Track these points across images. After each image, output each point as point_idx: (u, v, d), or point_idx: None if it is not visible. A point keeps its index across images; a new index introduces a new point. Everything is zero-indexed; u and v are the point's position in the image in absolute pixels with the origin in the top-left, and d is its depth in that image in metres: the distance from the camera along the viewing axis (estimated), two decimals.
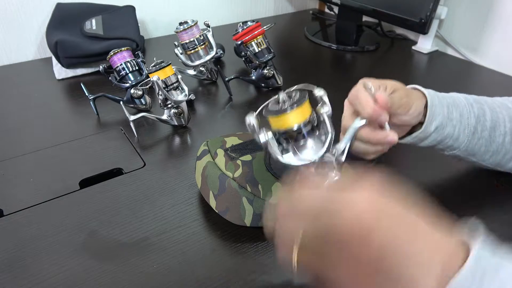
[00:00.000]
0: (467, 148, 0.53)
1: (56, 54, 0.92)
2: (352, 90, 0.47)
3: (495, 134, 0.53)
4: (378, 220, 0.29)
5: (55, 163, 0.66)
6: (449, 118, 0.51)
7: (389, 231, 0.29)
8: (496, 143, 0.54)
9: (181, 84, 0.73)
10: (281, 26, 1.30)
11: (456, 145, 0.53)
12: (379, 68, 1.04)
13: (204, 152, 0.57)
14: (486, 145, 0.53)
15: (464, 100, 0.53)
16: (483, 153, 0.54)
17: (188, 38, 0.85)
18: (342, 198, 0.31)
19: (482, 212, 0.57)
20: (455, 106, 0.52)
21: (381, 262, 0.29)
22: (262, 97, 0.87)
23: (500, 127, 0.53)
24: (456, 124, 0.51)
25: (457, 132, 0.52)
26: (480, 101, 0.54)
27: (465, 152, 0.54)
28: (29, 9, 1.00)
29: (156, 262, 0.49)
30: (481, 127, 0.52)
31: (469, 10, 1.04)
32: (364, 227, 0.29)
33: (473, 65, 1.05)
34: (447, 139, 0.52)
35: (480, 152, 0.54)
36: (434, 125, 0.50)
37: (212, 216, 0.55)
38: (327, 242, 0.31)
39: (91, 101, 0.78)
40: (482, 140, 0.53)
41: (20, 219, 0.55)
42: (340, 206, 0.31)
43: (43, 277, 0.47)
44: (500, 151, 0.54)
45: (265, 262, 0.50)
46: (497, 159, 0.55)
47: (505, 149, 0.54)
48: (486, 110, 0.53)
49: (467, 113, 0.52)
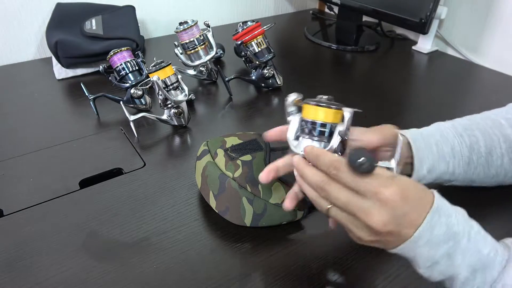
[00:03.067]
0: (464, 178, 0.53)
1: (56, 54, 0.92)
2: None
3: (492, 158, 0.52)
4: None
5: (55, 163, 0.66)
6: (440, 155, 0.50)
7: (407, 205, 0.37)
8: (495, 167, 0.53)
9: (181, 84, 0.73)
10: (281, 26, 1.30)
11: (453, 178, 0.53)
12: (379, 68, 1.04)
13: (204, 152, 0.57)
14: (484, 171, 0.53)
15: (452, 131, 0.52)
16: (483, 178, 0.54)
17: (188, 38, 0.85)
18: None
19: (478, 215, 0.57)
20: (444, 141, 0.51)
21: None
22: (262, 97, 0.87)
23: (496, 150, 0.52)
24: (450, 160, 0.51)
25: (451, 168, 0.51)
26: (471, 127, 0.53)
27: (463, 182, 0.54)
28: (29, 9, 1.00)
29: (156, 262, 0.49)
30: (476, 156, 0.52)
31: (469, 10, 1.04)
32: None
33: (473, 65, 1.05)
34: (442, 175, 0.52)
35: (479, 178, 0.54)
36: (425, 168, 0.50)
37: (212, 216, 0.55)
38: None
39: (91, 101, 0.78)
40: (479, 168, 0.52)
41: (20, 219, 0.55)
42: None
43: (43, 277, 0.47)
44: (499, 173, 0.54)
45: (265, 262, 0.50)
46: (499, 180, 0.55)
47: (504, 170, 0.54)
48: (478, 137, 0.52)
49: (459, 145, 0.51)
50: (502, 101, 0.62)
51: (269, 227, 0.54)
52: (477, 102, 0.87)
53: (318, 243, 0.53)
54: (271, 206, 0.52)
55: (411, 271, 0.41)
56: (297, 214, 0.54)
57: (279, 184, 0.53)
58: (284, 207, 0.47)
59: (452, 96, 0.88)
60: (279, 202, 0.52)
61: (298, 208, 0.53)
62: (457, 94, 0.89)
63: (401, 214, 0.37)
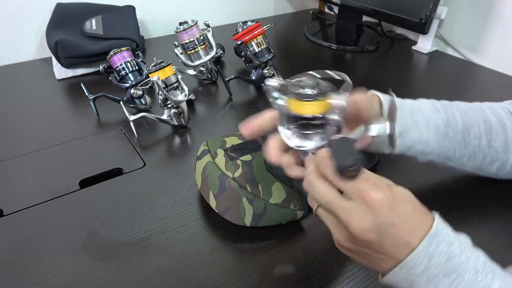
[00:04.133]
0: (439, 153, 0.52)
1: (56, 54, 0.92)
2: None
3: (469, 136, 0.52)
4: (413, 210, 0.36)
5: (55, 163, 0.66)
6: (413, 122, 0.50)
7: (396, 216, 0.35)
8: (472, 146, 0.53)
9: (181, 84, 0.73)
10: (281, 26, 1.30)
11: (428, 150, 0.52)
12: (379, 68, 1.04)
13: (204, 152, 0.57)
14: (460, 148, 0.52)
15: (430, 105, 0.52)
16: (459, 156, 0.53)
17: (188, 38, 0.85)
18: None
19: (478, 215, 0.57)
20: (420, 111, 0.51)
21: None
22: (262, 97, 0.87)
23: (474, 129, 0.52)
24: (423, 129, 0.50)
25: (425, 136, 0.51)
26: (450, 106, 0.53)
27: (439, 157, 0.53)
28: (29, 9, 1.00)
29: (156, 262, 0.49)
30: (452, 130, 0.51)
31: (469, 10, 1.04)
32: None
33: (473, 65, 1.05)
34: (415, 143, 0.51)
35: (455, 156, 0.53)
36: (396, 130, 0.49)
37: (212, 216, 0.55)
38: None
39: (91, 101, 0.78)
40: (455, 143, 0.52)
41: (20, 219, 0.55)
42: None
43: (43, 277, 0.47)
44: (477, 154, 0.53)
45: (265, 262, 0.50)
46: (477, 162, 0.54)
47: (483, 152, 0.53)
48: (455, 114, 0.52)
49: (434, 119, 0.51)
50: (501, 101, 0.62)
51: (269, 227, 0.54)
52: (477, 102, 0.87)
53: (318, 243, 0.53)
54: (271, 206, 0.52)
55: None
56: (297, 214, 0.54)
57: (279, 184, 0.53)
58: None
59: (452, 96, 0.88)
60: (279, 202, 0.52)
61: (298, 208, 0.53)
62: (457, 94, 0.89)
63: (387, 224, 0.34)
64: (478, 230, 0.54)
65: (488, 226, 0.55)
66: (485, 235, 0.53)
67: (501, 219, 0.56)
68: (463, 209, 0.57)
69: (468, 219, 0.56)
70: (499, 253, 0.51)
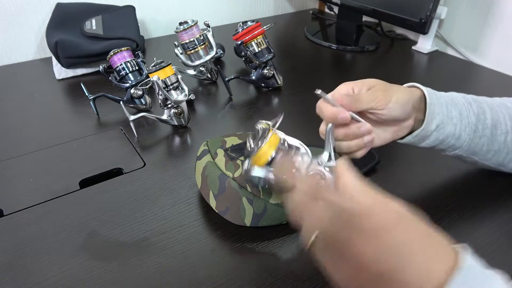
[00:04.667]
0: (469, 147, 0.53)
1: (56, 54, 0.92)
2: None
3: (496, 132, 0.53)
4: (398, 220, 0.31)
5: (55, 163, 0.66)
6: (449, 116, 0.51)
7: (405, 234, 0.30)
8: (498, 142, 0.53)
9: (181, 84, 0.73)
10: (281, 26, 1.30)
11: (458, 145, 0.53)
12: (379, 68, 1.04)
13: (204, 152, 0.57)
14: (488, 143, 0.53)
15: (462, 99, 0.53)
16: (485, 152, 0.54)
17: (188, 38, 0.85)
18: (361, 203, 0.33)
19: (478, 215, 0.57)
20: (454, 105, 0.52)
21: (385, 263, 0.29)
22: (262, 97, 0.87)
23: (501, 126, 0.53)
24: (457, 123, 0.51)
25: (458, 131, 0.52)
26: (479, 100, 0.54)
27: (467, 152, 0.54)
28: (29, 9, 1.00)
29: (156, 262, 0.49)
30: (482, 126, 0.52)
31: (469, 10, 1.04)
32: (380, 226, 0.31)
33: (473, 65, 1.05)
34: (448, 138, 0.52)
35: (482, 151, 0.54)
36: (434, 123, 0.50)
37: (212, 216, 0.55)
38: (338, 238, 0.33)
39: (91, 101, 0.78)
40: (484, 139, 0.53)
41: (20, 219, 0.55)
42: (359, 208, 0.32)
43: (43, 277, 0.47)
44: (502, 150, 0.54)
45: (265, 262, 0.50)
46: (500, 158, 0.55)
47: (507, 148, 0.54)
48: (485, 109, 0.53)
49: (466, 111, 0.52)
50: None
51: (269, 227, 0.54)
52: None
53: None
54: (271, 206, 0.52)
55: None
56: None
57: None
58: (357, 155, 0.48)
59: None
60: (279, 202, 0.52)
61: None
62: None
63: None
64: (478, 230, 0.54)
65: (488, 226, 0.55)
66: (485, 235, 0.53)
67: (501, 219, 0.56)
68: (463, 209, 0.57)
69: (468, 219, 0.56)
70: (499, 253, 0.51)
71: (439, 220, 0.55)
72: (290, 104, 0.85)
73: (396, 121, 0.50)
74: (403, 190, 0.61)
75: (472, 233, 0.54)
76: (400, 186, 0.61)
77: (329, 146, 0.47)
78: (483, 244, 0.52)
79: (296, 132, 0.52)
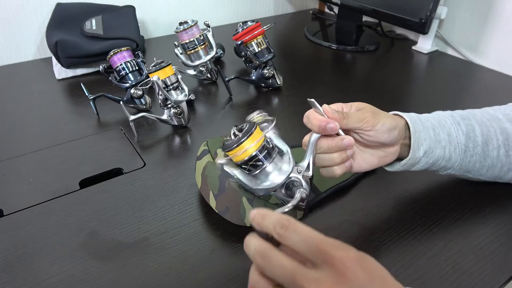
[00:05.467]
0: (461, 167, 0.53)
1: (56, 54, 0.92)
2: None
3: (488, 148, 0.53)
4: None
5: (55, 163, 0.66)
6: (437, 140, 0.51)
7: None
8: (491, 158, 0.53)
9: (181, 84, 0.73)
10: (281, 26, 1.30)
11: (449, 165, 0.53)
12: (379, 68, 1.04)
13: (204, 152, 0.57)
14: (480, 160, 0.53)
15: (450, 118, 0.53)
16: (479, 169, 0.54)
17: (188, 38, 0.85)
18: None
19: (478, 215, 0.57)
20: (441, 127, 0.51)
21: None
22: (262, 97, 0.87)
23: (492, 141, 0.53)
24: (446, 145, 0.51)
25: (448, 153, 0.51)
26: (468, 116, 0.54)
27: (460, 170, 0.54)
28: (29, 9, 1.00)
29: (156, 262, 0.49)
30: (472, 144, 0.52)
31: (469, 10, 1.04)
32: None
33: (473, 65, 1.05)
34: (439, 160, 0.52)
35: (475, 168, 0.54)
36: (422, 150, 0.50)
37: (212, 216, 0.55)
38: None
39: (91, 101, 0.79)
40: (475, 157, 0.53)
41: (20, 219, 0.55)
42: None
43: (43, 277, 0.47)
44: (496, 165, 0.54)
45: None
46: (495, 172, 0.55)
47: (501, 162, 0.54)
48: (475, 126, 0.53)
49: (455, 132, 0.52)
50: (502, 101, 0.62)
51: None
52: (477, 102, 0.87)
53: None
54: (271, 206, 0.52)
55: (417, 270, 0.41)
56: (297, 214, 0.54)
57: None
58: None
59: (452, 96, 0.88)
60: (279, 202, 0.52)
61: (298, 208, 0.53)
62: (457, 94, 0.89)
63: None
64: (478, 230, 0.54)
65: (488, 226, 0.55)
66: (485, 235, 0.54)
67: (501, 219, 0.56)
68: (463, 209, 0.58)
69: (468, 219, 0.56)
70: (499, 253, 0.51)
71: (439, 220, 0.55)
72: (290, 104, 0.85)
73: (382, 146, 0.50)
74: (403, 190, 0.61)
75: (472, 233, 0.54)
76: (400, 186, 0.61)
77: (310, 156, 0.48)
78: (483, 244, 0.52)
79: (296, 132, 0.52)
